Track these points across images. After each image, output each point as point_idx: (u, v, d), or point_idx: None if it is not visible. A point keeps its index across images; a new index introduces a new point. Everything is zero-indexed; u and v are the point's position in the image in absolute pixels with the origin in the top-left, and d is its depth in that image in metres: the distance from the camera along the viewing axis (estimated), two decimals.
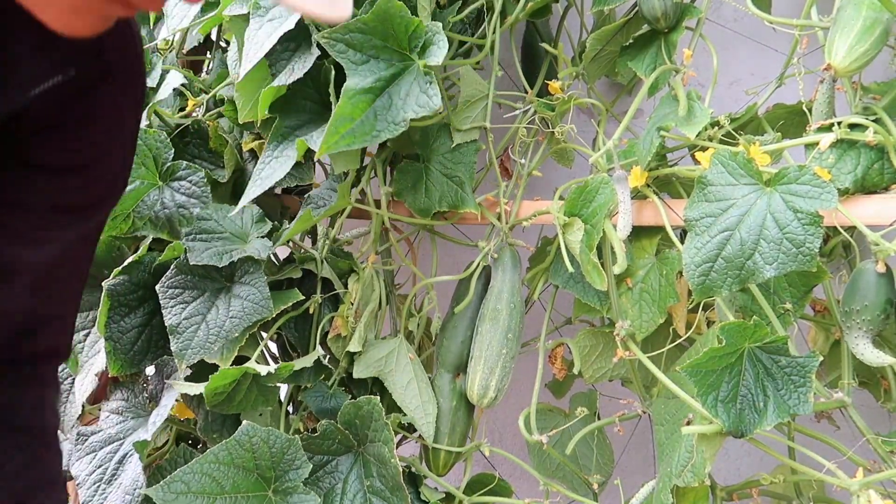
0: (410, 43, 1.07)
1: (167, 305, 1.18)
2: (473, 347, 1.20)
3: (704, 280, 0.94)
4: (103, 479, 1.22)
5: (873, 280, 0.96)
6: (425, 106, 1.05)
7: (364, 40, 1.05)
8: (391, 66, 1.06)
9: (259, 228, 1.23)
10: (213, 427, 1.27)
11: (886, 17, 0.97)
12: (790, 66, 1.14)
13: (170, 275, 1.19)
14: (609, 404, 1.37)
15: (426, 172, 1.26)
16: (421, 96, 1.05)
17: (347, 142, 1.03)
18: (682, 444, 0.95)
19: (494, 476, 1.21)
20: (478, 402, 1.21)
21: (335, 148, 1.03)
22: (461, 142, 1.23)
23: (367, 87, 1.05)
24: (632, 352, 1.07)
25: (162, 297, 1.18)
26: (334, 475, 1.17)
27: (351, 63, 1.04)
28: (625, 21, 1.30)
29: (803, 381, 0.89)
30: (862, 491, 0.87)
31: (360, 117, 1.04)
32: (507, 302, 1.20)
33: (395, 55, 1.07)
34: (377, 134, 1.04)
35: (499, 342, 1.18)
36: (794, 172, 0.91)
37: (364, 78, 1.05)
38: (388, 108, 1.05)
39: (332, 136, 1.03)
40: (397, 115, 1.05)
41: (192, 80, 1.45)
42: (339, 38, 1.04)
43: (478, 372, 1.19)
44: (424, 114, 1.05)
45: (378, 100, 1.05)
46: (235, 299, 1.19)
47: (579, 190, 1.10)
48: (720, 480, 1.13)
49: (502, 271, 1.23)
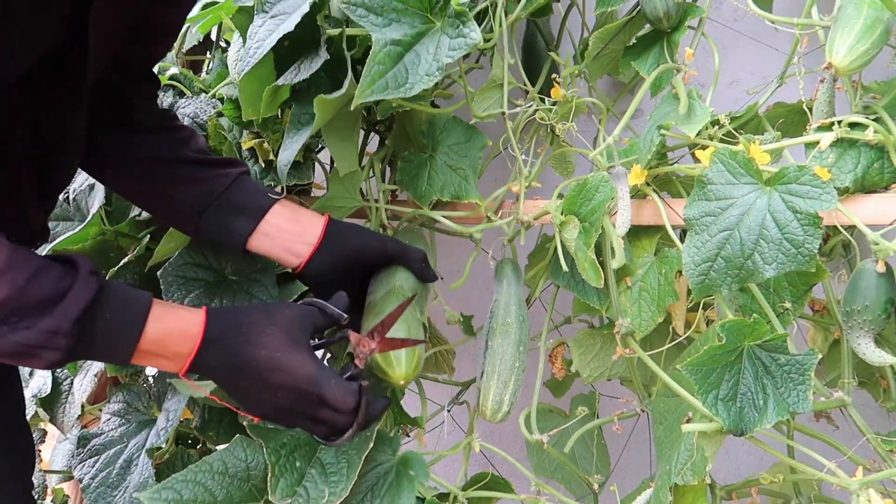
0: (431, 1, 1.05)
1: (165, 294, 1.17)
2: (485, 362, 1.19)
3: (704, 279, 0.94)
4: (108, 483, 1.21)
5: (873, 280, 0.96)
6: (460, 47, 1.03)
7: (384, 3, 1.04)
8: (413, 27, 1.05)
9: None
10: (209, 426, 1.27)
11: (887, 16, 0.96)
12: (791, 66, 1.14)
13: (173, 263, 1.18)
14: (609, 406, 1.37)
15: (430, 163, 1.25)
16: (454, 41, 1.03)
17: (382, 90, 1.02)
18: (681, 443, 0.95)
19: (493, 474, 1.21)
20: (491, 417, 1.20)
21: (371, 96, 1.01)
22: (480, 118, 1.23)
23: (397, 39, 1.03)
24: (631, 349, 1.07)
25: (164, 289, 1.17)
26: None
27: (373, 26, 1.03)
28: (627, 20, 1.30)
29: (802, 378, 0.89)
30: (862, 490, 0.87)
31: (392, 67, 1.02)
32: (516, 315, 1.20)
33: (416, 17, 1.05)
34: (410, 85, 1.02)
35: (511, 356, 1.18)
36: (794, 172, 0.91)
37: (391, 33, 1.03)
38: (418, 63, 1.03)
39: (368, 85, 1.01)
40: (429, 66, 1.03)
41: (191, 80, 1.45)
42: (358, 2, 1.03)
43: (491, 387, 1.18)
44: (464, 52, 1.03)
45: (406, 55, 1.04)
46: (243, 295, 1.19)
47: (579, 188, 1.10)
48: (720, 480, 1.13)
49: (507, 284, 1.23)
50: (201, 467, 1.06)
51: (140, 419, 1.28)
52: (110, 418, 1.30)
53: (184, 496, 1.04)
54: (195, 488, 1.05)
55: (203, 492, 1.05)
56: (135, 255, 1.24)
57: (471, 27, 1.02)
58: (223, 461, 1.07)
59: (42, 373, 1.41)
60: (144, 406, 1.30)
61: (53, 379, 1.39)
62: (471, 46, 1.03)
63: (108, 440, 1.26)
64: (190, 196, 1.06)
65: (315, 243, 0.99)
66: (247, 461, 1.07)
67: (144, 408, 1.30)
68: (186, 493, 1.04)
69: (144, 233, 1.32)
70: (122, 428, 1.28)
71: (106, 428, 1.28)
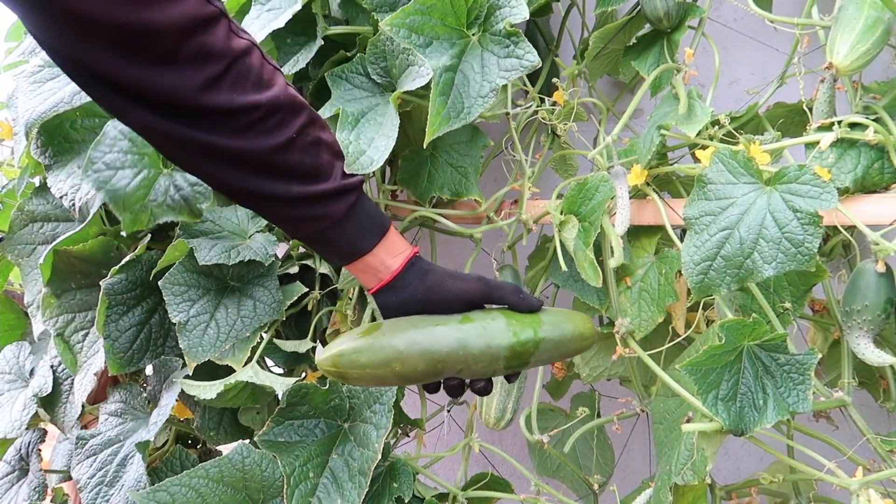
0: (470, 16, 1.04)
1: (172, 303, 1.17)
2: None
3: (703, 279, 0.94)
4: (104, 482, 1.22)
5: (873, 280, 0.96)
6: (514, 68, 1.01)
7: (424, 21, 1.03)
8: (453, 45, 1.04)
9: (256, 223, 1.23)
10: (210, 426, 1.27)
11: (888, 16, 0.96)
12: (791, 66, 1.14)
13: (174, 272, 1.19)
14: (609, 406, 1.37)
15: (432, 161, 1.26)
16: (504, 61, 1.02)
17: (447, 122, 1.02)
18: (681, 443, 0.95)
19: (492, 474, 1.21)
20: (494, 425, 1.20)
21: (440, 131, 1.01)
22: (486, 118, 1.23)
23: (448, 65, 1.03)
24: (631, 349, 1.07)
25: (166, 295, 1.17)
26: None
27: (418, 47, 1.03)
28: (627, 20, 1.30)
29: (802, 378, 0.89)
30: (862, 490, 0.87)
31: (449, 94, 1.02)
32: None
33: (453, 33, 1.05)
34: (468, 111, 1.02)
35: None
36: (794, 172, 0.91)
37: (439, 57, 1.03)
38: (468, 84, 1.03)
39: (435, 119, 1.01)
40: (481, 87, 1.02)
41: None
42: (400, 23, 1.03)
43: (494, 396, 1.19)
44: (517, 75, 1.01)
45: (456, 77, 1.03)
46: (246, 300, 1.19)
47: (578, 187, 1.10)
48: (720, 480, 1.13)
49: None
50: (197, 472, 1.07)
51: (137, 418, 1.29)
52: (108, 418, 1.30)
53: (176, 500, 1.05)
54: (188, 493, 1.05)
55: (196, 497, 1.06)
56: (135, 255, 1.24)
57: (524, 48, 1.01)
58: (220, 469, 1.08)
59: (42, 372, 1.41)
60: (141, 405, 1.30)
61: (54, 379, 1.39)
62: (527, 69, 1.01)
63: (105, 440, 1.26)
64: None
65: (386, 279, 0.87)
66: (244, 471, 1.08)
67: (141, 407, 1.30)
68: (179, 496, 1.05)
69: (144, 233, 1.32)
70: (118, 427, 1.28)
71: (104, 428, 1.28)
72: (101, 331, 1.22)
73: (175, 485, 1.05)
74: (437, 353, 0.82)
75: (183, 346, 1.15)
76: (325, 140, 0.81)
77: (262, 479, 1.08)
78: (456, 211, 1.27)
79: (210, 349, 1.15)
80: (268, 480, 1.08)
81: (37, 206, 1.40)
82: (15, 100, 1.43)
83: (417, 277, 0.87)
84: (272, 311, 1.18)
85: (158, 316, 1.26)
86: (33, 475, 1.43)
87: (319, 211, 0.81)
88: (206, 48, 0.69)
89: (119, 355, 1.23)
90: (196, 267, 1.18)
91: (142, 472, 1.16)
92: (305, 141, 0.78)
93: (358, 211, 0.84)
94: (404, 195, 1.32)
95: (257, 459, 1.09)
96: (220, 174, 0.77)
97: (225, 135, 0.73)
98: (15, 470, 1.47)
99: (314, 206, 0.81)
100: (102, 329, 1.22)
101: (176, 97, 0.70)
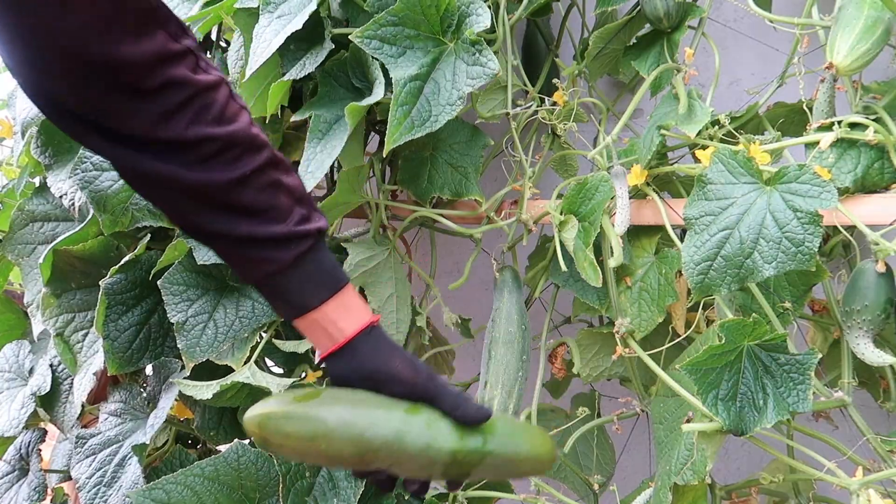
0: (443, 24, 1.05)
1: (171, 303, 1.17)
2: (488, 372, 1.19)
3: (703, 279, 0.94)
4: (103, 482, 1.22)
5: (873, 280, 0.96)
6: (479, 76, 1.03)
7: (396, 32, 1.04)
8: (427, 52, 1.05)
9: None
10: (209, 425, 1.27)
11: (888, 16, 0.96)
12: (791, 66, 1.14)
13: (173, 272, 1.19)
14: (609, 406, 1.37)
15: (432, 162, 1.26)
16: (471, 69, 1.03)
17: (409, 131, 1.02)
18: (681, 443, 0.95)
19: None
20: None
21: (400, 140, 1.02)
22: (487, 118, 1.23)
23: (414, 75, 1.03)
24: (631, 349, 1.07)
25: (165, 294, 1.17)
26: None
27: (388, 57, 1.03)
28: (627, 20, 1.30)
29: (802, 378, 0.89)
30: (861, 490, 0.87)
31: (415, 104, 1.03)
32: (518, 324, 1.21)
33: (428, 41, 1.06)
34: (435, 118, 1.03)
35: (515, 366, 1.18)
36: (794, 171, 0.91)
37: (407, 68, 1.03)
38: (438, 92, 1.03)
39: (395, 129, 1.01)
40: (450, 95, 1.03)
41: None
42: (371, 35, 1.03)
43: (495, 397, 1.19)
44: (481, 83, 1.03)
45: (426, 86, 1.04)
46: (245, 300, 1.19)
47: (578, 187, 1.10)
48: (720, 480, 1.13)
49: (508, 292, 1.23)
50: (192, 471, 1.07)
51: (136, 418, 1.29)
52: (108, 418, 1.30)
53: (172, 498, 1.05)
54: (184, 491, 1.06)
55: (191, 495, 1.06)
56: (135, 255, 1.24)
57: (487, 55, 1.02)
58: (215, 467, 1.08)
59: (41, 371, 1.41)
60: (141, 406, 1.30)
61: (53, 378, 1.39)
62: (490, 76, 1.02)
63: (104, 440, 1.26)
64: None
65: (339, 342, 0.81)
66: (239, 469, 1.08)
67: (141, 407, 1.30)
68: (175, 495, 1.05)
69: (144, 233, 1.32)
70: (118, 427, 1.28)
71: (103, 428, 1.29)
72: (101, 330, 1.22)
73: (171, 483, 1.05)
74: (369, 442, 0.73)
75: (181, 346, 1.15)
76: (287, 183, 0.78)
77: (258, 478, 1.08)
78: (456, 211, 1.27)
79: (208, 349, 1.15)
80: (263, 479, 1.08)
81: (37, 205, 1.40)
82: (14, 99, 1.43)
83: (372, 349, 0.80)
84: (271, 312, 1.18)
85: (158, 316, 1.26)
86: (33, 475, 1.42)
87: (267, 254, 0.77)
88: (169, 80, 0.69)
89: (118, 355, 1.23)
90: (195, 266, 1.18)
91: (138, 473, 1.16)
92: (263, 181, 0.76)
93: (309, 261, 0.78)
94: (404, 195, 1.32)
95: (252, 458, 1.09)
96: (176, 205, 0.76)
97: (182, 166, 0.72)
98: (15, 470, 1.47)
99: (263, 249, 0.77)
100: (102, 329, 1.22)
101: (133, 128, 0.69)
